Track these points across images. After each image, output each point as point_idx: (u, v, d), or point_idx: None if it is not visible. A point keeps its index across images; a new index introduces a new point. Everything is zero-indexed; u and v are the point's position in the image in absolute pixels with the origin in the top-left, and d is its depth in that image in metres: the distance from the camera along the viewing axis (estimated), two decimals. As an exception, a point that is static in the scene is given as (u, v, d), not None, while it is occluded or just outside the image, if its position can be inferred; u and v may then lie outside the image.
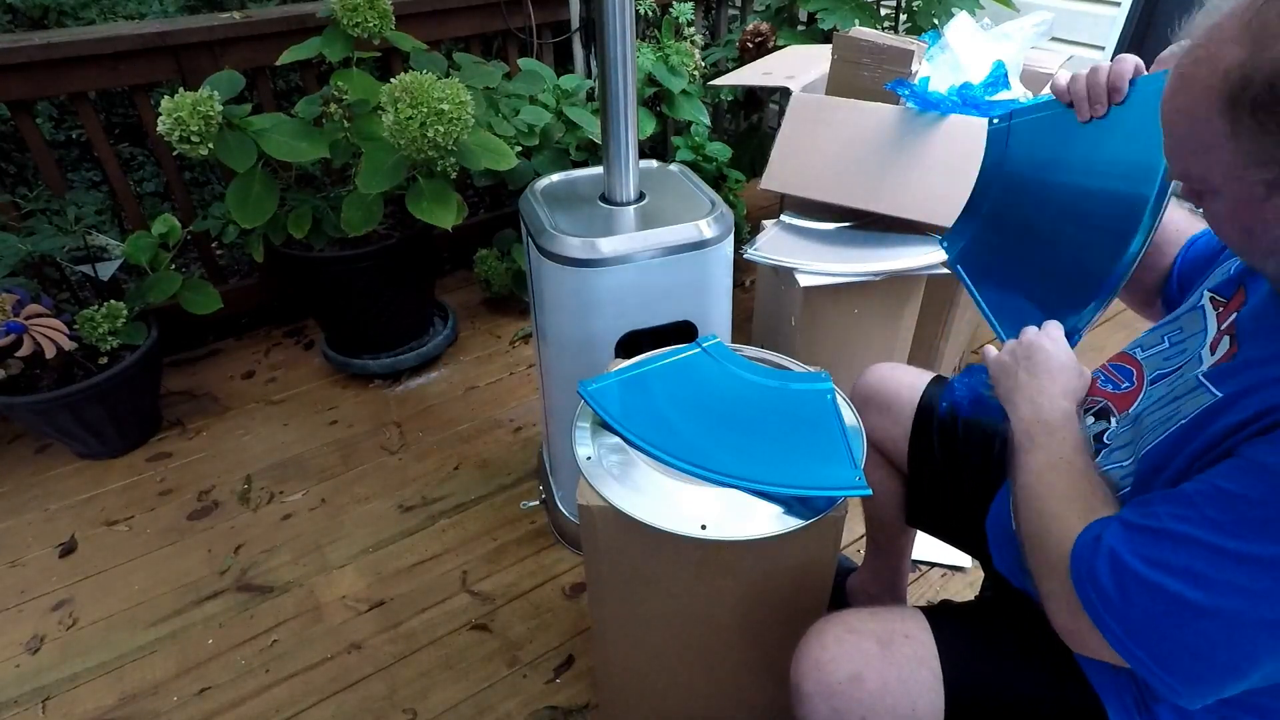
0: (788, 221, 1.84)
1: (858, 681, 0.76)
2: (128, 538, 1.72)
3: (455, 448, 1.95)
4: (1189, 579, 0.58)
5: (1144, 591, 0.60)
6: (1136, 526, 0.62)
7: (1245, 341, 0.67)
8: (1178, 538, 0.59)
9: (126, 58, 1.86)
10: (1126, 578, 0.61)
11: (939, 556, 1.59)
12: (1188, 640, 0.58)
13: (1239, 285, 0.74)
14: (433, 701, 1.38)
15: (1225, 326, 0.71)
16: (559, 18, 2.46)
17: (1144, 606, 0.60)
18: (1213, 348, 0.70)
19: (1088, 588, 0.63)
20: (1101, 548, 0.63)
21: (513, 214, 2.53)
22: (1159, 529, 0.61)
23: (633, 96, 1.21)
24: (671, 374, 1.05)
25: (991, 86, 1.67)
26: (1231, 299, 0.73)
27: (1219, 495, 0.58)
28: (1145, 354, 0.81)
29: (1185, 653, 0.59)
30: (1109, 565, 0.62)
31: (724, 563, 0.95)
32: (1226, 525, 0.57)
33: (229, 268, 2.56)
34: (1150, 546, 0.60)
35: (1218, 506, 0.58)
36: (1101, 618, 0.62)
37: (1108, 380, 0.84)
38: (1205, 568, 0.57)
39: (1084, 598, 0.63)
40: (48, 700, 1.40)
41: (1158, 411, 0.72)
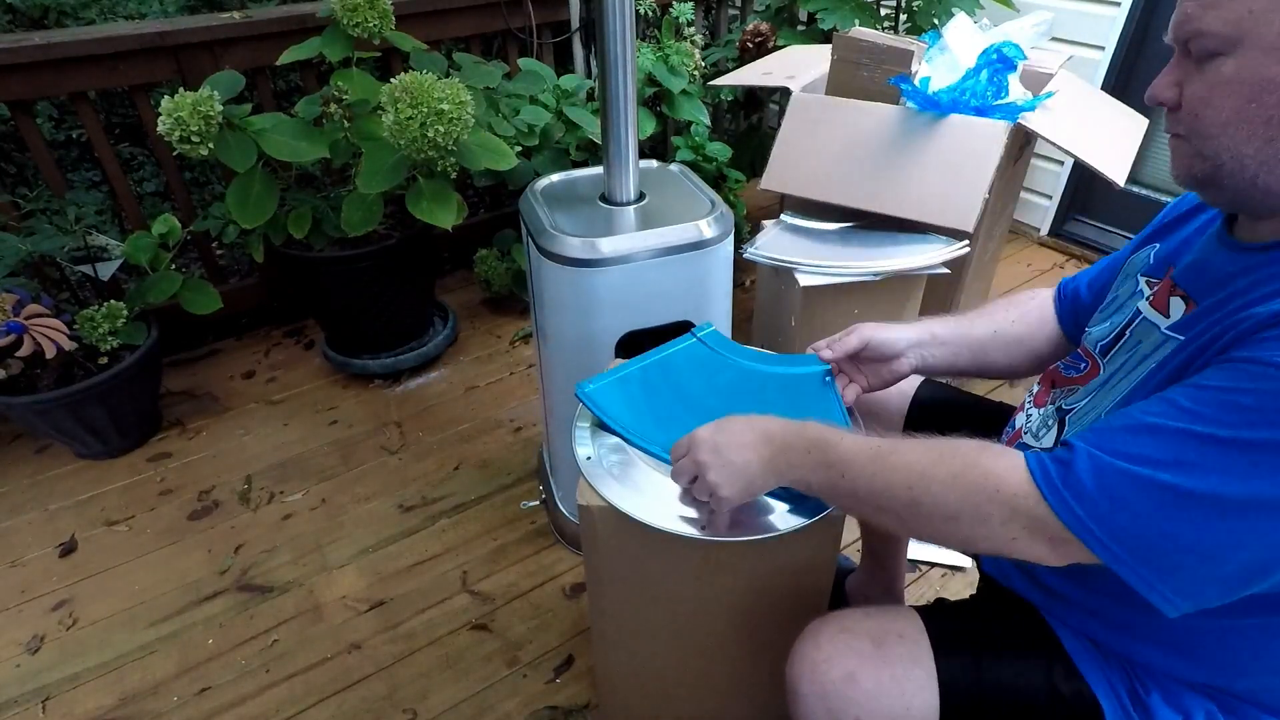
0: (788, 221, 1.84)
1: (852, 681, 0.76)
2: (128, 538, 1.72)
3: (455, 448, 1.95)
4: (1178, 467, 0.57)
5: (1132, 486, 0.59)
6: (1108, 430, 0.62)
7: (1201, 295, 0.69)
8: (1160, 430, 0.59)
9: (126, 58, 1.86)
10: (1108, 476, 0.60)
11: (938, 556, 1.59)
12: (1172, 531, 0.58)
13: (1166, 265, 0.78)
14: (433, 701, 1.38)
15: (1163, 285, 0.75)
16: (559, 18, 2.46)
17: (1130, 502, 0.59)
18: (1161, 309, 0.73)
19: (1065, 497, 0.61)
20: (1077, 455, 0.62)
21: (513, 214, 2.53)
22: (1136, 425, 0.61)
23: (633, 96, 1.21)
24: (669, 368, 1.05)
25: (994, 90, 1.67)
26: (1164, 275, 0.77)
27: (1200, 391, 0.59)
28: (1095, 333, 0.85)
29: (1169, 544, 0.58)
30: (1088, 468, 0.61)
31: (724, 563, 0.95)
32: (1209, 414, 0.57)
33: (229, 268, 2.56)
34: (1130, 444, 0.60)
35: (1199, 400, 0.58)
36: (1084, 525, 0.61)
37: (1068, 368, 0.87)
38: (1195, 455, 0.57)
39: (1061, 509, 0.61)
40: (48, 700, 1.40)
41: (1129, 374, 0.73)
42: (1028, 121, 1.61)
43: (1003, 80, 1.68)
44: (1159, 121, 2.75)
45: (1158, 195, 2.59)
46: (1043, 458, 0.65)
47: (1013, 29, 1.80)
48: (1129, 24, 2.39)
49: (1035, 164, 2.72)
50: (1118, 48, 2.43)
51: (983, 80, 1.67)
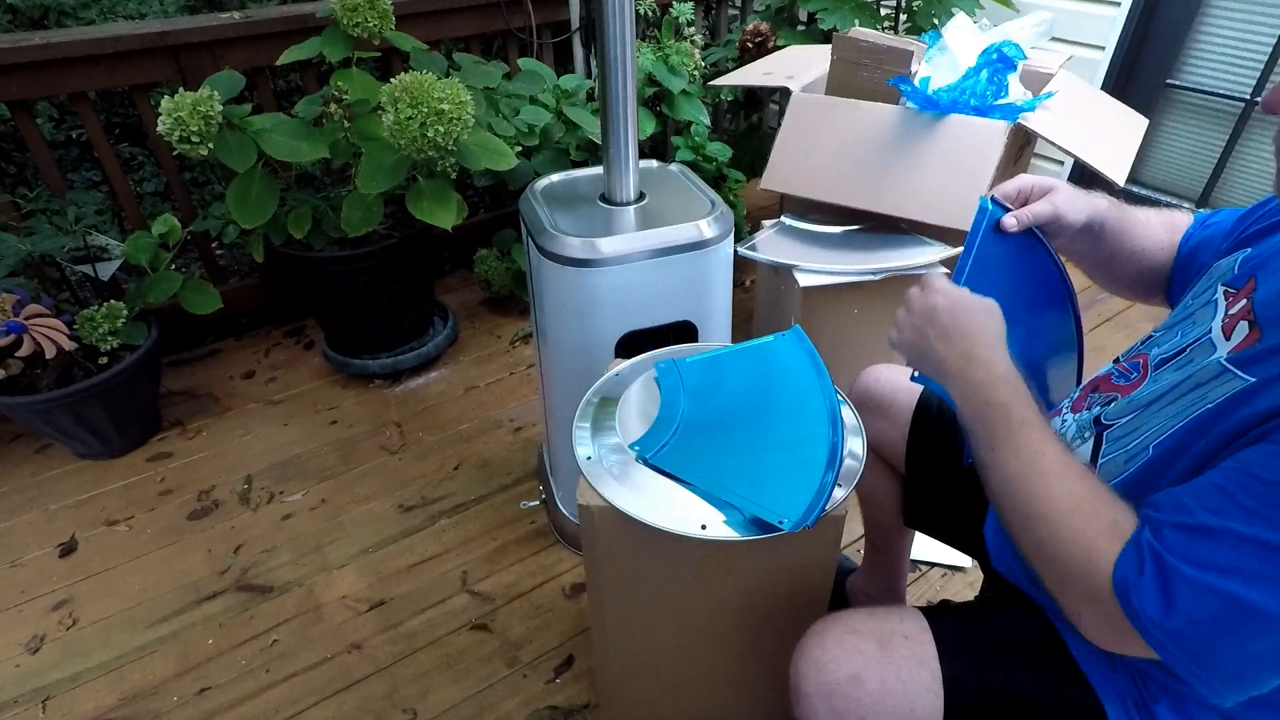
0: (787, 222, 1.84)
1: (857, 682, 0.76)
2: (128, 538, 1.72)
3: (455, 448, 1.95)
4: (1238, 577, 0.55)
5: (1191, 596, 0.57)
6: (1171, 525, 0.60)
7: (1268, 327, 0.65)
8: (1215, 532, 0.57)
9: (126, 58, 1.86)
10: (1173, 582, 0.58)
11: (939, 556, 1.59)
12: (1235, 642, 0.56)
13: (1249, 276, 0.72)
14: (433, 701, 1.38)
15: (1238, 310, 0.69)
16: (559, 18, 2.46)
17: (1192, 612, 0.57)
18: (1226, 332, 0.69)
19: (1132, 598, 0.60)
20: (1145, 555, 0.60)
21: (513, 214, 2.53)
22: (1196, 526, 0.58)
23: (633, 96, 1.21)
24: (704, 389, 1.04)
25: (994, 90, 1.67)
26: (1242, 289, 0.72)
27: (1251, 482, 0.56)
28: (1158, 350, 0.80)
29: (1232, 654, 0.57)
30: (1154, 570, 0.59)
31: (724, 563, 0.95)
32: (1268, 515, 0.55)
33: (229, 268, 2.56)
34: (1188, 545, 0.58)
35: (1252, 495, 0.56)
36: (1146, 628, 0.59)
37: (1121, 375, 0.83)
38: (1256, 564, 0.55)
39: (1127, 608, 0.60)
40: (48, 700, 1.40)
41: (1179, 400, 0.69)
42: (1028, 121, 1.61)
43: (1003, 80, 1.68)
44: (1159, 121, 2.76)
45: (1158, 195, 2.59)
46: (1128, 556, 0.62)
47: (1013, 29, 1.80)
48: (1129, 24, 2.39)
49: (1035, 164, 2.72)
50: (1118, 48, 2.43)
51: (983, 80, 1.67)
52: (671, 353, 1.12)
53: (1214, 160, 2.42)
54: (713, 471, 0.90)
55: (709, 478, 0.90)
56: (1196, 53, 2.37)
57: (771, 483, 0.88)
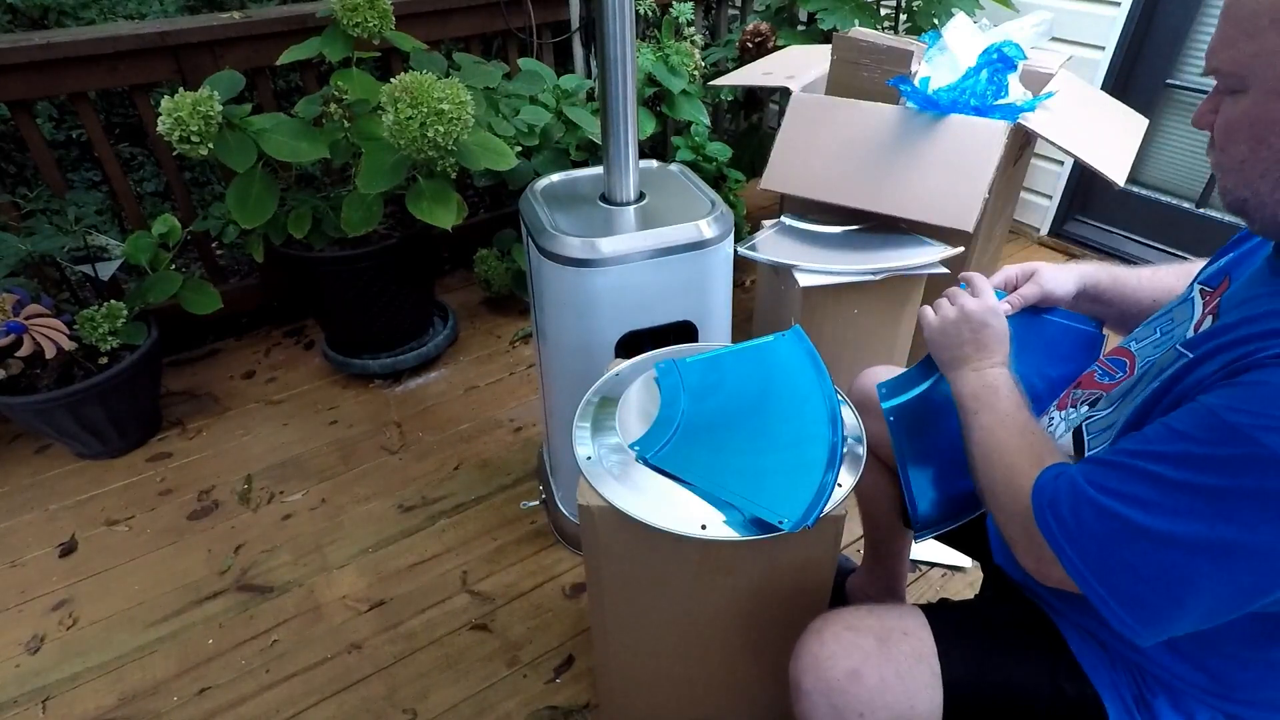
0: (787, 223, 1.84)
1: (856, 678, 0.76)
2: (128, 538, 1.72)
3: (455, 448, 1.95)
4: (1134, 503, 0.62)
5: (1095, 515, 0.64)
6: (1096, 461, 0.67)
7: (1223, 313, 0.69)
8: (1129, 469, 0.64)
9: (126, 58, 1.86)
10: (1081, 503, 0.65)
11: (939, 556, 1.59)
12: (1130, 562, 0.61)
13: (1225, 275, 0.76)
14: (433, 701, 1.38)
15: (1209, 309, 0.73)
16: (559, 18, 2.46)
17: (1094, 529, 0.64)
18: (1196, 328, 0.73)
19: (1047, 515, 0.67)
20: (1062, 480, 0.68)
21: (513, 214, 2.53)
22: (1115, 462, 0.65)
23: (633, 96, 1.21)
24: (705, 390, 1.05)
25: (994, 90, 1.67)
26: (1217, 288, 0.75)
27: (1168, 433, 0.62)
28: (1139, 345, 0.83)
29: (1128, 574, 0.62)
30: (1068, 493, 0.66)
31: (724, 563, 0.95)
32: (1170, 457, 0.61)
33: (229, 268, 2.56)
34: (1105, 477, 0.65)
35: (1166, 441, 0.62)
36: (1058, 543, 0.66)
37: (1104, 374, 0.85)
38: (1149, 493, 0.61)
39: (1042, 525, 0.67)
40: (48, 700, 1.40)
41: (1140, 388, 0.74)
42: (1028, 121, 1.61)
43: (1003, 80, 1.68)
44: (1159, 121, 2.76)
45: (1158, 195, 2.59)
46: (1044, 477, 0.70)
47: (1013, 29, 1.80)
48: (1129, 24, 2.39)
49: (1035, 164, 2.72)
50: (1118, 48, 2.43)
51: (983, 80, 1.67)
52: (671, 353, 1.13)
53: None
54: (713, 471, 0.90)
55: (709, 478, 0.90)
56: (1196, 53, 2.37)
57: (771, 483, 0.88)
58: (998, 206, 1.91)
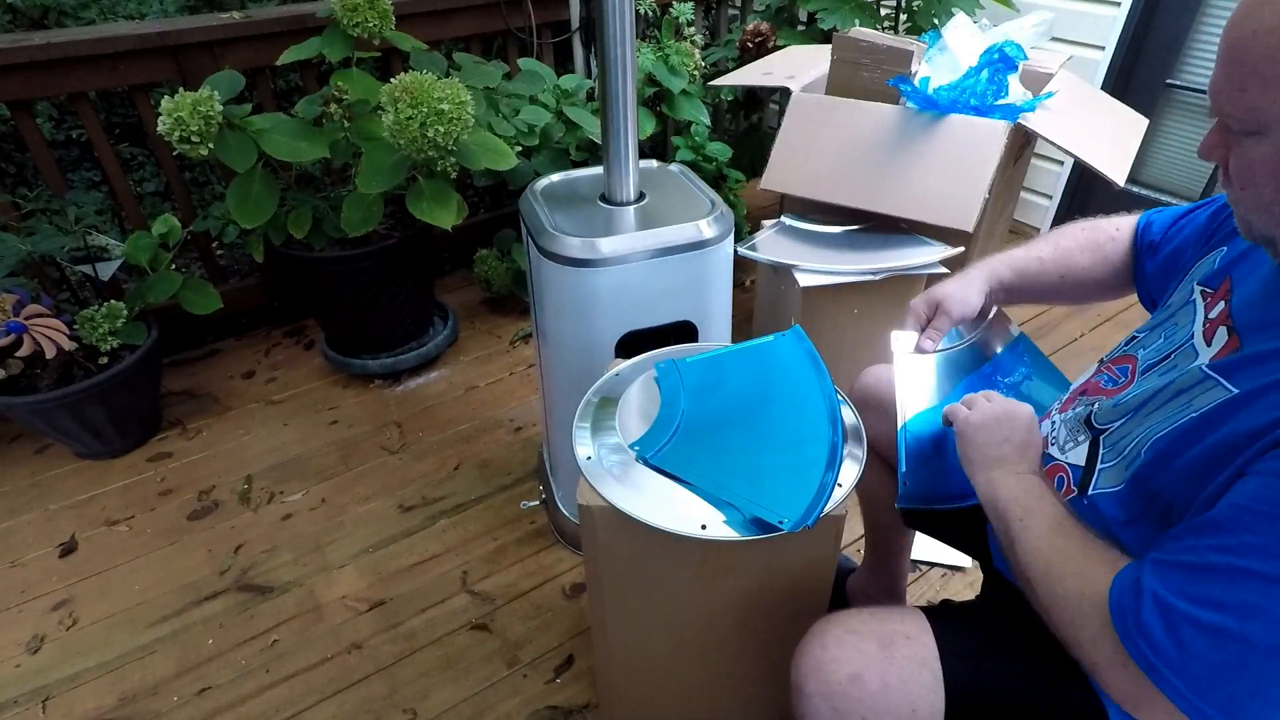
0: (787, 223, 1.84)
1: (858, 682, 0.76)
2: (128, 538, 1.72)
3: (455, 448, 1.95)
4: (1243, 613, 0.55)
5: (1199, 634, 0.57)
6: (1173, 564, 0.60)
7: (1247, 334, 0.66)
8: (1220, 570, 0.57)
9: (126, 58, 1.86)
10: (1177, 621, 0.58)
11: (939, 556, 1.59)
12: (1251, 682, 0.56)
13: (1225, 275, 0.74)
14: (433, 701, 1.38)
15: (1217, 315, 0.71)
16: (559, 18, 2.46)
17: (1201, 652, 0.57)
18: (1206, 338, 0.70)
19: (1139, 643, 0.60)
20: (1144, 595, 0.60)
21: (513, 214, 2.53)
22: (1199, 564, 0.58)
23: (633, 96, 1.21)
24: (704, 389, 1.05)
25: (994, 90, 1.67)
26: (1218, 289, 0.74)
27: (1252, 518, 0.56)
28: (1144, 352, 0.82)
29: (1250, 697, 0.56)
30: (1156, 611, 0.59)
31: (724, 563, 0.95)
32: (1269, 549, 0.55)
33: (229, 268, 2.56)
34: (1193, 584, 0.58)
35: (1253, 531, 0.56)
36: (1160, 674, 0.59)
37: (1110, 380, 0.84)
38: (1258, 599, 0.55)
39: (1137, 656, 0.61)
40: (48, 700, 1.40)
41: (1164, 406, 0.71)
42: (1028, 121, 1.61)
43: (1003, 80, 1.68)
44: (1159, 121, 2.75)
45: (1158, 195, 2.59)
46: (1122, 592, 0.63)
47: (1013, 29, 1.80)
48: (1129, 24, 2.39)
49: (1035, 164, 2.72)
50: (1118, 48, 2.43)
51: (983, 80, 1.67)
52: (671, 353, 1.12)
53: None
54: (713, 471, 0.90)
55: (709, 478, 0.90)
56: (1196, 53, 2.37)
57: (771, 483, 0.88)
58: (998, 206, 1.91)
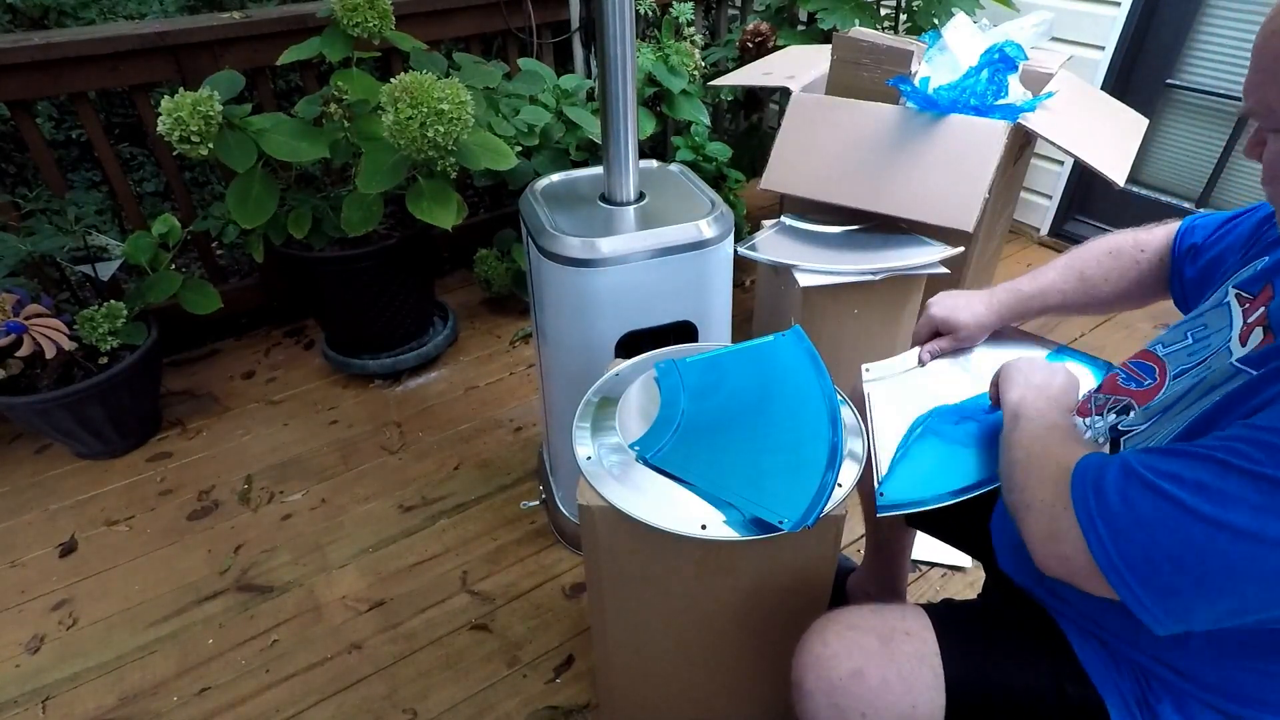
0: (787, 223, 1.84)
1: (858, 677, 0.76)
2: (128, 538, 1.72)
3: (455, 448, 1.95)
4: (1195, 488, 0.58)
5: (1148, 498, 0.60)
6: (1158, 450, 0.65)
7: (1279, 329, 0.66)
8: (1192, 455, 0.60)
9: (126, 58, 1.86)
10: (1133, 484, 0.62)
11: (939, 556, 1.59)
12: (1175, 551, 0.58)
13: (1266, 281, 0.73)
14: (433, 701, 1.38)
15: (1255, 319, 0.70)
16: (559, 18, 2.46)
17: (1142, 513, 0.60)
18: (1242, 340, 0.70)
19: (1088, 494, 0.64)
20: (1115, 460, 0.64)
21: (513, 214, 2.53)
22: (1181, 450, 0.62)
23: (633, 96, 1.21)
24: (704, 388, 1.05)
25: (994, 90, 1.67)
26: (1259, 294, 0.73)
27: (1248, 429, 0.59)
28: (1167, 350, 0.81)
29: (1168, 564, 0.59)
30: (1120, 473, 0.63)
31: (724, 563, 0.95)
32: (1243, 450, 0.57)
33: (229, 268, 2.56)
34: (1164, 461, 0.62)
35: (1243, 439, 0.58)
36: (1093, 521, 0.63)
37: (1129, 378, 0.83)
38: (1214, 480, 0.58)
39: (1080, 504, 0.64)
40: (48, 700, 1.40)
41: (1194, 404, 0.70)
42: (1028, 121, 1.61)
43: (1003, 80, 1.68)
44: (1159, 121, 2.75)
45: (1158, 195, 2.59)
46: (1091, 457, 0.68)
47: (1013, 29, 1.80)
48: (1129, 24, 2.39)
49: (1035, 164, 2.72)
50: (1118, 48, 2.43)
51: (983, 80, 1.67)
52: (671, 353, 1.12)
53: (1214, 160, 2.42)
54: (713, 471, 0.90)
55: (709, 478, 0.90)
56: (1196, 53, 2.37)
57: (772, 482, 0.88)
58: (998, 207, 1.91)
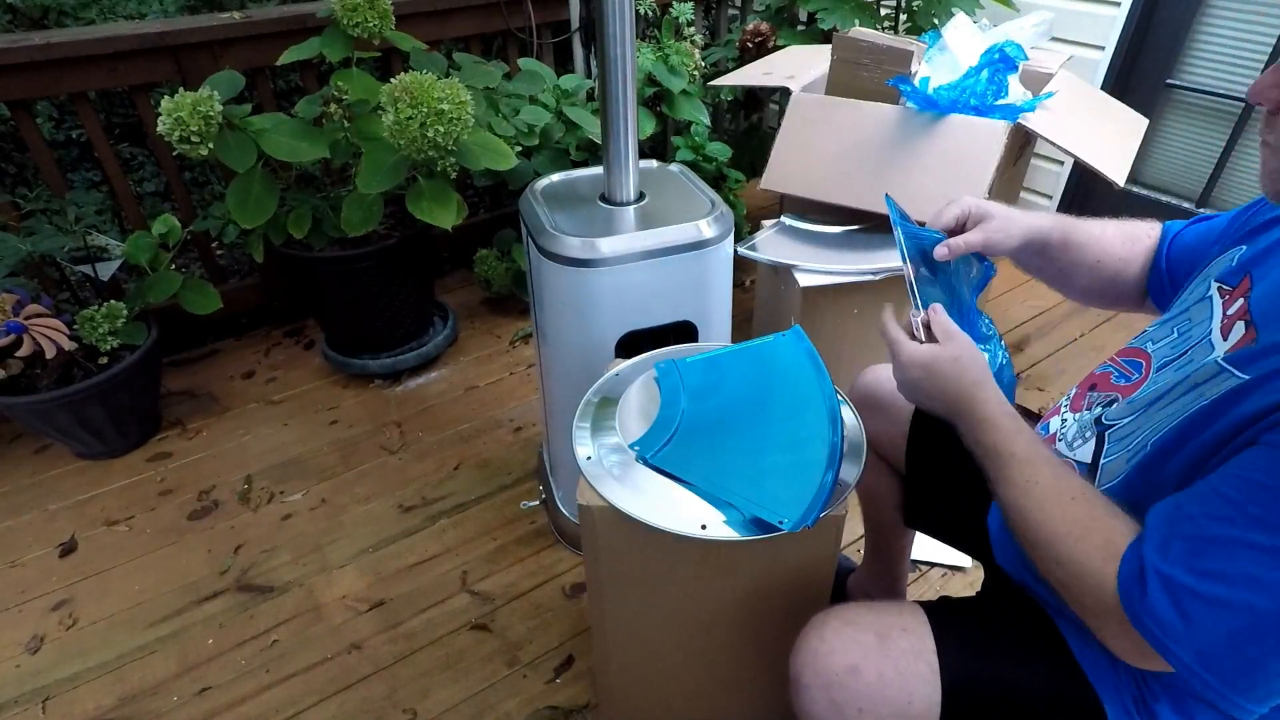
0: (787, 223, 1.84)
1: (855, 673, 0.77)
2: (128, 538, 1.72)
3: (455, 448, 1.95)
4: (1247, 585, 0.55)
5: (1205, 609, 0.57)
6: (1176, 536, 0.60)
7: (1264, 326, 0.65)
8: (1224, 542, 0.57)
9: (126, 58, 1.86)
10: (1183, 597, 0.58)
11: (939, 556, 1.59)
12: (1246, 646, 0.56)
13: (1244, 273, 0.73)
14: (433, 701, 1.38)
15: (1235, 311, 0.70)
16: (559, 18, 2.46)
17: (1209, 625, 0.57)
18: (1224, 333, 0.69)
19: (1148, 624, 0.60)
20: (1148, 574, 0.60)
21: (513, 214, 2.53)
22: (1201, 536, 0.58)
23: (633, 96, 1.21)
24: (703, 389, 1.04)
25: (994, 90, 1.67)
26: (1237, 286, 0.72)
27: (1256, 489, 0.56)
28: (1155, 346, 0.81)
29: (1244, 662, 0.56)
30: (1162, 590, 0.59)
31: (724, 563, 0.95)
32: (1271, 521, 0.55)
33: (229, 268, 2.56)
34: (1197, 557, 0.58)
35: (1258, 502, 0.55)
36: (1168, 649, 0.59)
37: (1120, 375, 0.83)
38: (1261, 571, 0.55)
39: (1147, 635, 0.60)
40: (48, 700, 1.40)
41: (1178, 400, 0.70)
42: (1028, 121, 1.61)
43: (1003, 80, 1.68)
44: (1159, 121, 2.75)
45: (1158, 195, 2.59)
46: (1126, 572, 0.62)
47: (1013, 29, 1.80)
48: (1129, 24, 2.39)
49: (1035, 164, 2.72)
50: (1118, 48, 2.43)
51: (983, 80, 1.67)
52: (671, 353, 1.12)
53: (1214, 160, 2.42)
54: (713, 471, 0.90)
55: (709, 478, 0.90)
56: (1196, 53, 2.37)
57: (771, 483, 0.88)
58: (998, 206, 1.91)
